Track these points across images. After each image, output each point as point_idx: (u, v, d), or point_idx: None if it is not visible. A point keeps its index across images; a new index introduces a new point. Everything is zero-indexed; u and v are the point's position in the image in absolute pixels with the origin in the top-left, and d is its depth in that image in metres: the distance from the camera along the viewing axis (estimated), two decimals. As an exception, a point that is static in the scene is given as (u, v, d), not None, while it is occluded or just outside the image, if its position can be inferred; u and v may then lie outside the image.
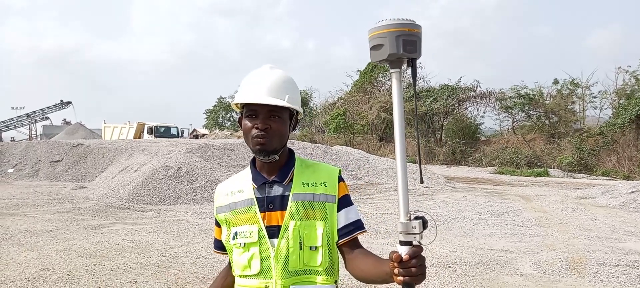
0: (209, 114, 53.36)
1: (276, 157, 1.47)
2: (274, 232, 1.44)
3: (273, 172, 1.50)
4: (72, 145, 17.84)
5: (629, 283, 5.08)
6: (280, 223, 1.44)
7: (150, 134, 33.65)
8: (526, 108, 28.07)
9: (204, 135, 36.60)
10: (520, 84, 28.21)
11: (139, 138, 31.47)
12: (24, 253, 6.02)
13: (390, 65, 1.26)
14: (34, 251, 6.14)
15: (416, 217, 1.21)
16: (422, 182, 1.44)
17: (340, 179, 1.52)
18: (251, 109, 1.45)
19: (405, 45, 1.21)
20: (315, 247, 1.45)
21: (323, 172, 1.53)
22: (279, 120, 1.44)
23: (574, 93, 28.03)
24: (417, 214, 1.22)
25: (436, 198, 11.85)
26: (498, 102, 29.24)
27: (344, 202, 1.51)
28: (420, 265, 1.18)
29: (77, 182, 14.74)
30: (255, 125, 1.43)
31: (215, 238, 1.64)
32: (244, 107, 1.48)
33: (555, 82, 28.09)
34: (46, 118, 52.99)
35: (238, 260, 1.48)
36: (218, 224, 1.60)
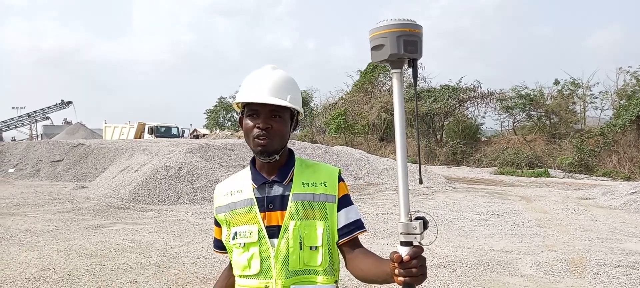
0: (209, 114, 53.36)
1: (277, 157, 1.47)
2: (274, 232, 1.44)
3: (273, 171, 1.50)
4: (73, 145, 17.84)
5: (630, 284, 5.07)
6: (280, 223, 1.44)
7: (151, 133, 33.66)
8: (527, 108, 28.02)
9: (204, 135, 36.57)
10: (520, 84, 28.20)
11: (140, 138, 31.47)
12: (25, 253, 6.02)
13: (391, 66, 1.26)
14: (35, 251, 6.14)
15: (417, 218, 1.21)
16: (421, 182, 1.44)
17: (340, 179, 1.52)
18: (252, 108, 1.45)
19: (406, 45, 1.21)
20: (316, 247, 1.44)
21: (323, 172, 1.53)
22: (280, 120, 1.44)
23: (574, 93, 27.98)
24: (418, 215, 1.22)
25: (437, 199, 11.84)
26: (499, 103, 29.18)
27: (344, 201, 1.51)
28: (420, 265, 1.18)
29: (78, 182, 14.74)
30: (257, 125, 1.43)
31: (215, 237, 1.63)
32: (245, 107, 1.48)
33: (556, 83, 28.07)
34: (47, 118, 53.09)
35: (238, 260, 1.48)
36: (217, 224, 1.60)
